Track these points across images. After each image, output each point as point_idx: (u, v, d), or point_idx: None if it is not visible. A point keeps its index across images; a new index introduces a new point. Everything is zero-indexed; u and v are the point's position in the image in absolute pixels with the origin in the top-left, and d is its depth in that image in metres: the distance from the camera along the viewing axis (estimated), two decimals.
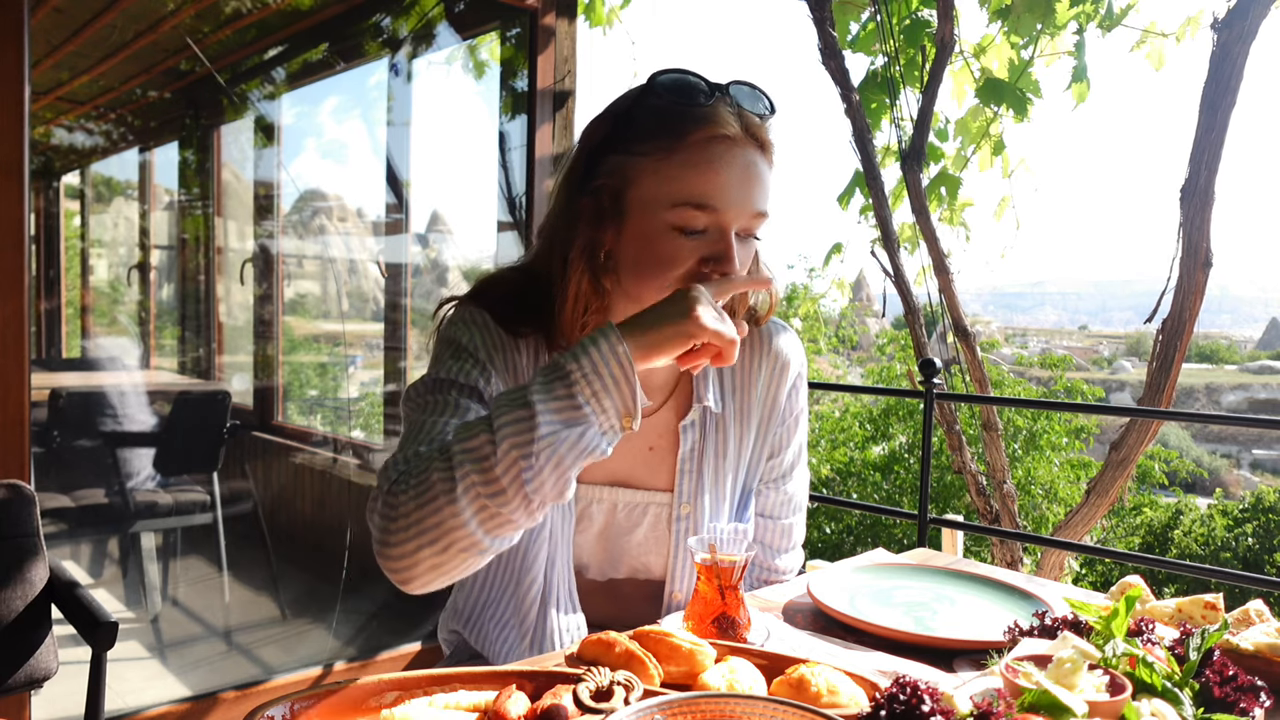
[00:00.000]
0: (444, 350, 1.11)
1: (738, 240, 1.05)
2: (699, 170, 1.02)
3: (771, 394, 1.27)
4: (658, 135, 1.04)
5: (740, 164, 1.03)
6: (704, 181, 1.02)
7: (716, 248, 1.04)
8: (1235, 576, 2.49)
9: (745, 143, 1.04)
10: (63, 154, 5.40)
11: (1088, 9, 3.64)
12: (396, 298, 3.99)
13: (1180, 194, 3.34)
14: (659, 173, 1.04)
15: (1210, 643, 0.83)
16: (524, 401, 0.88)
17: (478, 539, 0.89)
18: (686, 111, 1.04)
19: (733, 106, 1.05)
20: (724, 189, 1.02)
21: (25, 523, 1.61)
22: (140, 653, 3.30)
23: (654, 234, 1.04)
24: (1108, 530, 13.23)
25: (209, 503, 3.72)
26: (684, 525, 1.20)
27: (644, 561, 1.22)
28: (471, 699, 0.78)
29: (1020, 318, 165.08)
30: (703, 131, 1.03)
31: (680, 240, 1.04)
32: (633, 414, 0.90)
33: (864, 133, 4.05)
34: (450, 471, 0.88)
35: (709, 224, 1.03)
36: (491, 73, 3.48)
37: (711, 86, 1.06)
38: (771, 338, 1.27)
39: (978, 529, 3.44)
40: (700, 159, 1.02)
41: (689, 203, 1.02)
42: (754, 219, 1.06)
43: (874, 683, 0.82)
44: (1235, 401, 61.74)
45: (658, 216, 1.04)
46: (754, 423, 1.26)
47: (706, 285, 0.97)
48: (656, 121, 1.05)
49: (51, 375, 4.66)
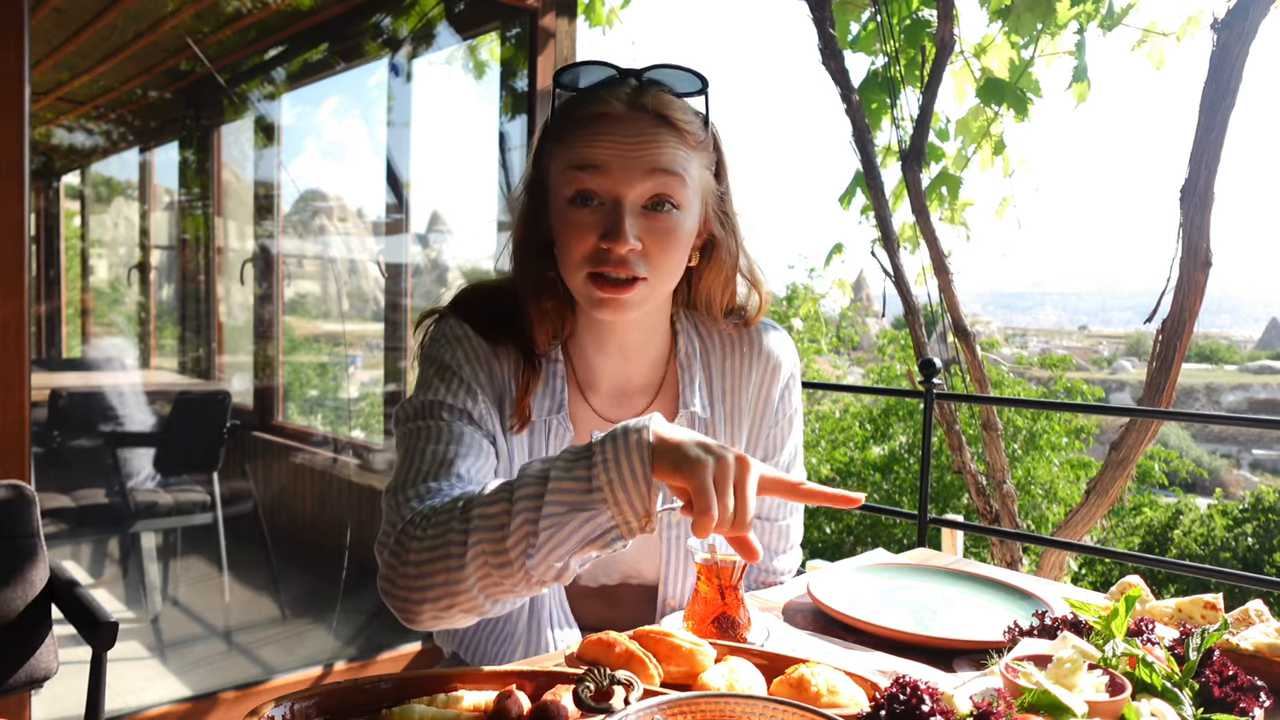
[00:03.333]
0: (429, 370, 1.12)
1: (645, 214, 1.04)
2: (584, 137, 1.04)
3: (763, 396, 1.25)
4: (559, 121, 1.09)
5: (625, 133, 1.04)
6: (588, 146, 1.04)
7: (608, 219, 1.03)
8: (1235, 576, 2.49)
9: (633, 117, 1.05)
10: (63, 154, 5.40)
11: (1088, 8, 3.64)
12: (396, 298, 3.99)
13: (1180, 194, 3.34)
14: (555, 153, 1.08)
15: (1210, 643, 0.83)
16: (543, 476, 0.86)
17: (479, 602, 0.90)
18: (580, 94, 1.08)
19: (632, 84, 1.07)
20: (607, 150, 1.03)
21: (25, 523, 1.61)
22: (140, 653, 3.30)
23: (559, 214, 1.07)
24: (1108, 530, 13.23)
25: (209, 503, 3.71)
26: (675, 532, 1.19)
27: (636, 568, 1.21)
28: (471, 699, 0.78)
29: (1020, 318, 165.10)
30: (588, 108, 1.06)
31: (578, 216, 1.04)
32: (651, 515, 0.84)
33: (864, 133, 4.05)
34: (465, 535, 0.87)
35: (600, 191, 1.04)
36: (491, 73, 3.48)
37: (622, 71, 1.08)
38: (762, 339, 1.25)
39: (978, 529, 3.44)
40: (588, 128, 1.05)
41: (573, 165, 1.04)
42: (653, 179, 1.03)
43: (874, 683, 0.82)
44: (1235, 401, 61.72)
45: (559, 193, 1.07)
46: (745, 426, 1.24)
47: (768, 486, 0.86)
48: (561, 110, 1.10)
49: (51, 375, 4.66)
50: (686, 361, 1.20)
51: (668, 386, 1.21)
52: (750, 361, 1.24)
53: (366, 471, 4.02)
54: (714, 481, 0.80)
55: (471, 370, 1.10)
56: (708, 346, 1.23)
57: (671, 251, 1.06)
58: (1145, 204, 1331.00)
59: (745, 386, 1.24)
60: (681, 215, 1.06)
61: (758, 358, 1.24)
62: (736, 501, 0.81)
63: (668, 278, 1.09)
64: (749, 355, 1.24)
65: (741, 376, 1.24)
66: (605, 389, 1.19)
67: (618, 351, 1.17)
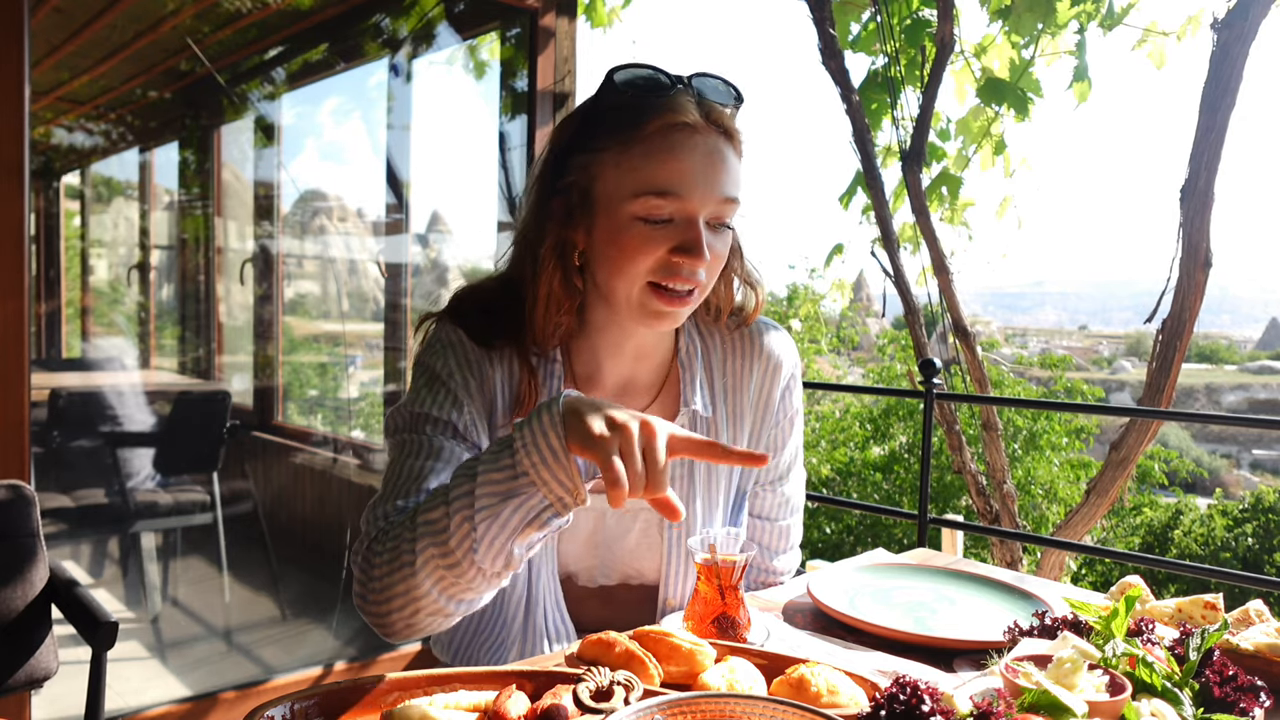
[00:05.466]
0: (420, 378, 1.13)
1: (708, 229, 1.05)
2: (659, 158, 1.02)
3: (764, 396, 1.25)
4: (618, 128, 1.05)
5: (702, 150, 1.03)
6: (665, 169, 1.02)
7: (685, 236, 1.03)
8: (1235, 576, 2.49)
9: (706, 130, 1.04)
10: (63, 154, 5.40)
11: (1088, 8, 3.64)
12: (396, 298, 3.99)
13: (1180, 194, 3.34)
14: (620, 165, 1.04)
15: (1210, 643, 0.83)
16: (473, 472, 0.89)
17: (441, 605, 0.93)
18: (644, 102, 1.04)
19: (693, 95, 1.06)
20: (686, 175, 1.02)
21: (25, 523, 1.61)
22: (140, 653, 3.30)
23: (620, 227, 1.04)
24: (1108, 530, 13.23)
25: (209, 503, 3.71)
26: (675, 532, 1.18)
27: (637, 568, 1.21)
28: (471, 699, 0.78)
29: (1020, 318, 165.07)
30: (660, 120, 1.03)
31: (646, 231, 1.03)
32: (579, 488, 0.86)
33: (864, 133, 4.05)
34: (414, 543, 0.91)
35: (674, 212, 1.03)
36: (491, 73, 3.48)
37: (672, 79, 1.06)
38: (762, 338, 1.25)
39: (978, 529, 3.44)
40: (660, 146, 1.03)
41: (651, 191, 1.02)
42: (722, 205, 1.05)
43: (874, 683, 0.82)
44: (1235, 401, 61.72)
45: (623, 209, 1.04)
46: (747, 426, 1.24)
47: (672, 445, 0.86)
48: (616, 115, 1.06)
49: (51, 375, 4.66)
50: (688, 361, 1.21)
51: (669, 386, 1.21)
52: (751, 361, 1.24)
53: (366, 471, 4.02)
54: (621, 451, 0.82)
55: (461, 377, 1.11)
56: (709, 346, 1.24)
57: (723, 262, 1.09)
58: (1145, 204, 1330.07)
59: (746, 386, 1.24)
60: (731, 230, 1.09)
61: (758, 358, 1.24)
62: (647, 466, 0.83)
63: (712, 285, 1.11)
64: (750, 355, 1.24)
65: (743, 376, 1.24)
66: (609, 388, 1.19)
67: (633, 354, 1.18)
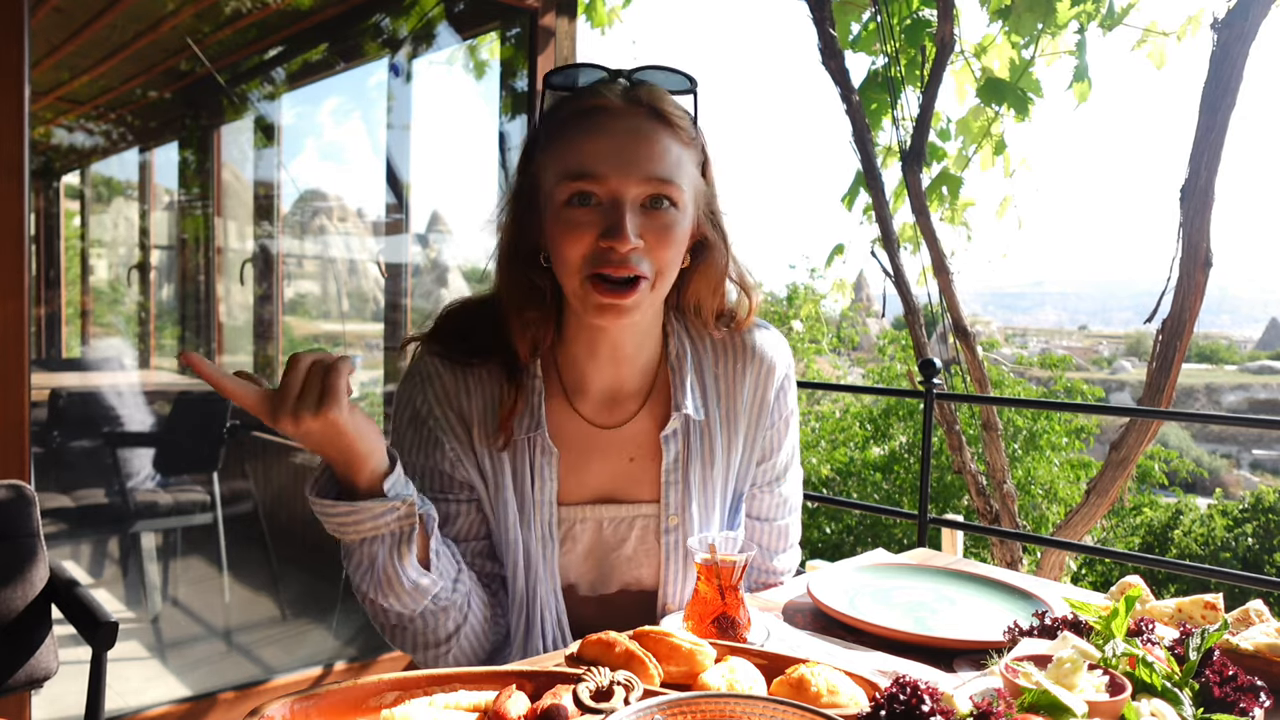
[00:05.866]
0: (403, 415, 1.17)
1: (643, 213, 1.03)
2: (577, 141, 1.03)
3: (759, 397, 1.23)
4: (547, 122, 1.08)
5: (624, 130, 1.03)
6: (581, 150, 1.03)
7: (609, 219, 1.02)
8: (1235, 576, 2.49)
9: (629, 112, 1.04)
10: (63, 154, 5.39)
11: (1089, 8, 3.64)
12: (396, 298, 3.99)
13: (1180, 194, 3.34)
14: (548, 156, 1.07)
15: (1210, 643, 0.83)
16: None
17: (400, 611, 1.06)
18: (571, 95, 1.07)
19: (620, 83, 1.07)
20: (603, 155, 1.02)
21: (25, 523, 1.61)
22: (140, 653, 3.30)
23: (554, 219, 1.05)
24: (1108, 530, 13.22)
25: (209, 503, 3.71)
26: (673, 537, 1.17)
27: (635, 575, 1.20)
28: (471, 699, 0.78)
29: (1020, 318, 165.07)
30: (578, 104, 1.05)
31: (575, 217, 1.03)
32: (362, 515, 0.97)
33: (864, 133, 4.05)
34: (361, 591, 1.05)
35: (599, 193, 1.02)
36: (491, 73, 3.48)
37: (611, 73, 1.08)
38: (754, 340, 1.23)
39: (978, 529, 3.44)
40: (577, 129, 1.04)
41: (569, 174, 1.03)
42: (651, 185, 1.03)
43: (874, 683, 0.82)
44: (1235, 401, 61.70)
45: (554, 199, 1.05)
46: (741, 428, 1.22)
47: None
48: (550, 111, 1.09)
49: (51, 375, 4.66)
50: (678, 364, 1.19)
51: (659, 390, 1.19)
52: (744, 364, 1.22)
53: None
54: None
55: (441, 412, 1.14)
56: (700, 350, 1.22)
57: (671, 248, 1.06)
58: (1145, 204, 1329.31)
59: (740, 390, 1.22)
60: (679, 213, 1.06)
61: (751, 360, 1.23)
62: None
63: (667, 276, 1.08)
64: (742, 358, 1.22)
65: (736, 380, 1.22)
66: (596, 395, 1.18)
67: (610, 357, 1.16)
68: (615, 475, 1.18)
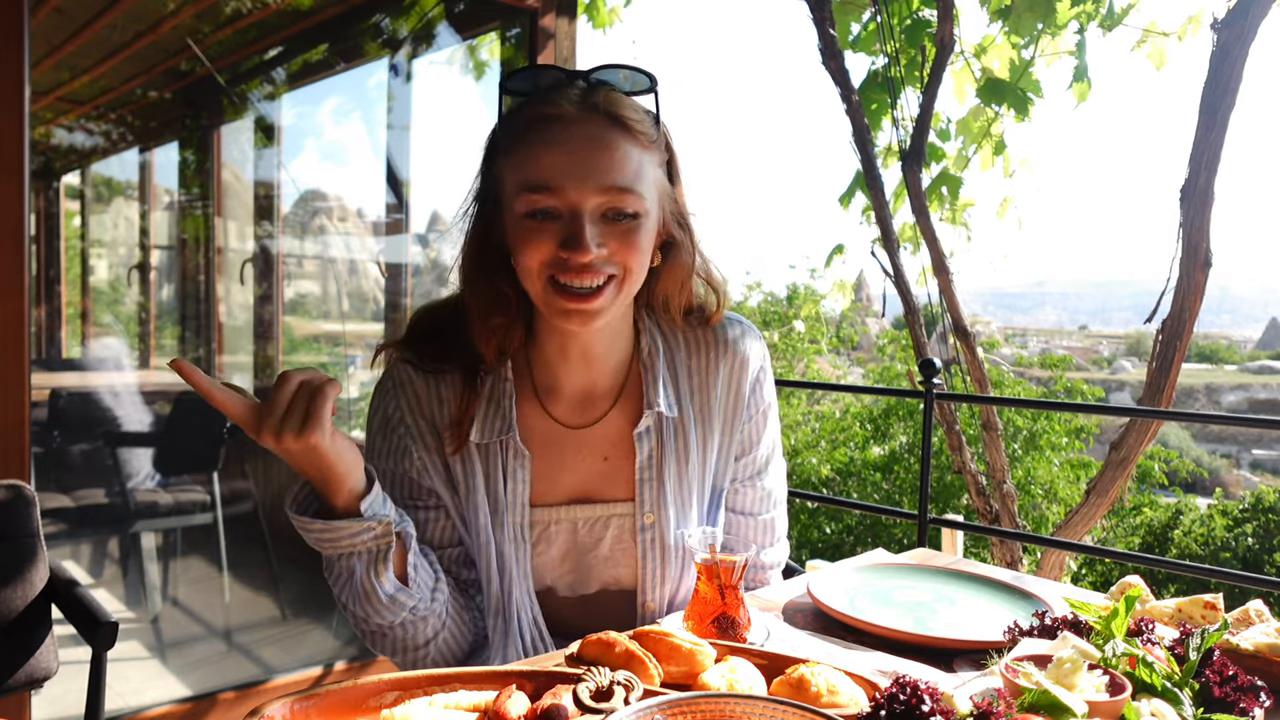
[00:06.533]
0: (374, 421, 1.18)
1: (606, 223, 1.03)
2: (532, 152, 1.03)
3: (733, 392, 1.23)
4: (505, 129, 1.07)
5: (580, 139, 1.02)
6: (536, 162, 1.02)
7: (567, 230, 1.01)
8: (1235, 576, 2.49)
9: (585, 119, 1.03)
10: (63, 154, 5.39)
11: (1088, 8, 3.64)
12: (396, 298, 3.99)
13: (1180, 194, 3.34)
14: (507, 165, 1.06)
15: (1210, 643, 0.83)
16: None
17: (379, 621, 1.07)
18: (527, 101, 1.06)
19: (576, 88, 1.05)
20: (558, 167, 1.01)
21: (25, 523, 1.61)
22: (140, 653, 3.30)
23: (513, 226, 1.05)
24: (1108, 530, 13.22)
25: (209, 503, 3.71)
26: (649, 535, 1.17)
27: (614, 575, 1.19)
28: (471, 699, 0.78)
29: (1020, 318, 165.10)
30: (531, 112, 1.04)
31: (534, 227, 1.03)
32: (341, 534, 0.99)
33: (864, 133, 4.05)
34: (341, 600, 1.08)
35: (558, 205, 1.02)
36: (491, 73, 3.48)
37: (569, 75, 1.07)
38: (727, 334, 1.23)
39: (978, 529, 3.44)
40: (531, 141, 1.03)
41: (526, 187, 1.02)
42: (609, 195, 1.02)
43: (874, 683, 0.82)
44: (1235, 401, 61.69)
45: (513, 208, 1.05)
46: (717, 424, 1.22)
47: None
48: (507, 118, 1.08)
49: (51, 375, 4.66)
50: (650, 362, 1.18)
51: (631, 388, 1.19)
52: (717, 359, 1.22)
53: None
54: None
55: (412, 420, 1.15)
56: (672, 347, 1.22)
57: (635, 253, 1.05)
58: (1145, 204, 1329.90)
59: (714, 385, 1.21)
60: (642, 220, 1.05)
61: (724, 354, 1.22)
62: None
63: (636, 277, 1.07)
64: (715, 352, 1.22)
65: (709, 375, 1.21)
66: (569, 396, 1.18)
67: (581, 358, 1.16)
68: (589, 475, 1.18)
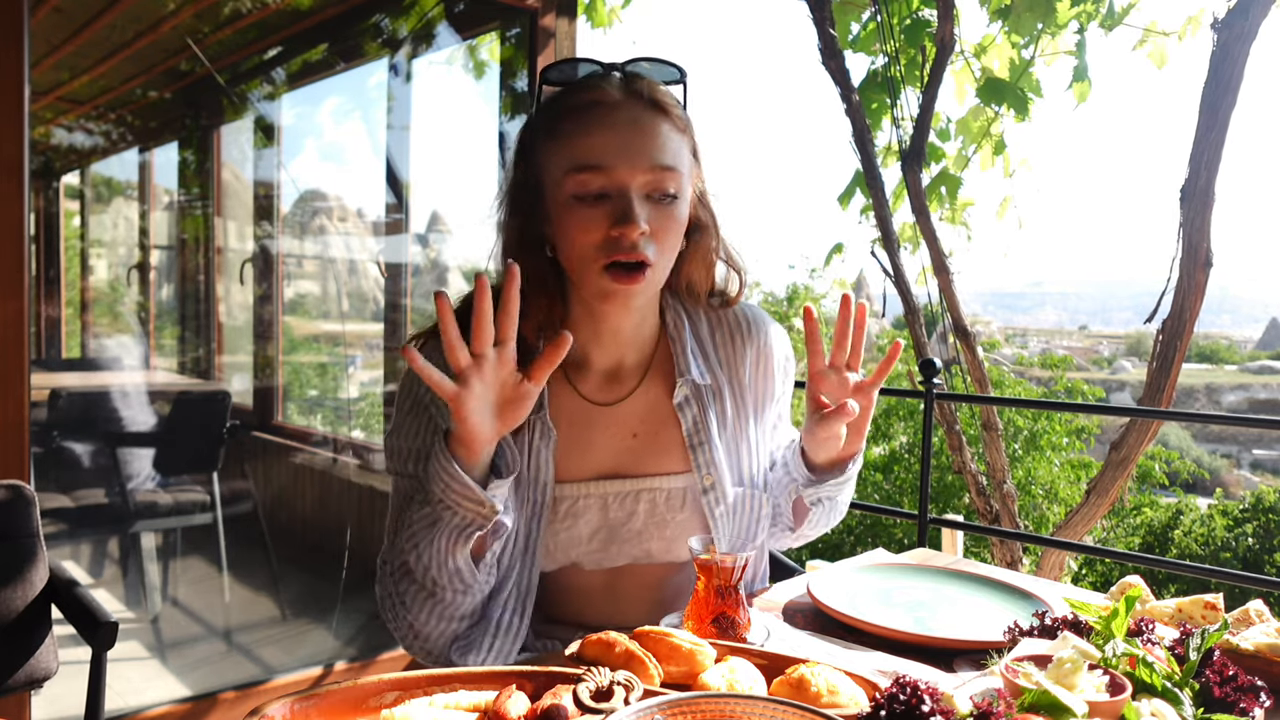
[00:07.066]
0: (405, 401, 1.19)
1: (650, 202, 1.07)
2: (581, 134, 1.06)
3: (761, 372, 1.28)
4: (548, 117, 1.11)
5: (625, 121, 1.06)
6: (586, 143, 1.06)
7: (618, 208, 1.05)
8: (1235, 576, 2.49)
9: (628, 104, 1.07)
10: (63, 154, 5.39)
11: (1089, 8, 3.64)
12: (396, 298, 3.99)
13: (1180, 194, 3.34)
14: (551, 149, 1.09)
15: (1210, 643, 0.83)
16: (410, 513, 1.05)
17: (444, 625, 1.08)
18: (568, 89, 1.10)
19: (616, 76, 1.10)
20: (608, 146, 1.05)
21: (25, 523, 1.61)
22: (140, 653, 3.30)
23: (562, 210, 1.08)
24: (1108, 530, 13.22)
25: (209, 503, 3.71)
26: (712, 496, 1.19)
27: (644, 548, 1.20)
28: (471, 699, 0.78)
29: (1020, 318, 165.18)
30: (578, 98, 1.08)
31: (584, 210, 1.06)
32: (483, 502, 0.99)
33: (864, 133, 4.05)
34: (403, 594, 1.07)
35: (605, 186, 1.05)
36: (491, 73, 3.48)
37: (605, 66, 1.11)
38: (750, 316, 1.28)
39: (978, 529, 3.44)
40: (580, 124, 1.07)
41: (575, 167, 1.05)
42: (654, 174, 1.06)
43: (874, 683, 0.82)
44: (1235, 401, 61.68)
45: (560, 191, 1.07)
46: (749, 400, 1.26)
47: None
48: (548, 106, 1.12)
49: (51, 375, 4.66)
50: (676, 334, 1.23)
51: (659, 363, 1.23)
52: (743, 339, 1.27)
53: (366, 471, 4.02)
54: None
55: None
56: (695, 321, 1.26)
57: (674, 235, 1.10)
58: (1145, 204, 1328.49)
59: (742, 363, 1.26)
60: (679, 201, 1.10)
61: (750, 336, 1.27)
62: None
63: (669, 261, 1.12)
64: (739, 332, 1.27)
65: (736, 352, 1.26)
66: (597, 373, 1.21)
67: (612, 338, 1.19)
68: (618, 451, 1.20)
